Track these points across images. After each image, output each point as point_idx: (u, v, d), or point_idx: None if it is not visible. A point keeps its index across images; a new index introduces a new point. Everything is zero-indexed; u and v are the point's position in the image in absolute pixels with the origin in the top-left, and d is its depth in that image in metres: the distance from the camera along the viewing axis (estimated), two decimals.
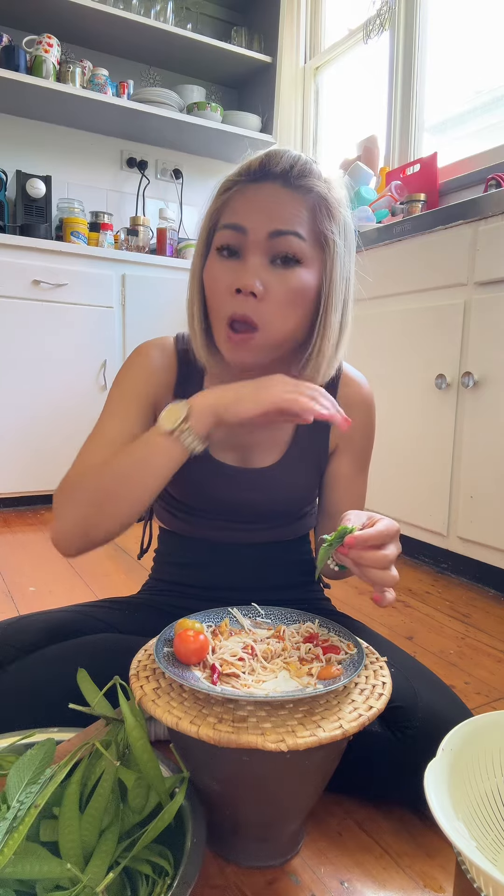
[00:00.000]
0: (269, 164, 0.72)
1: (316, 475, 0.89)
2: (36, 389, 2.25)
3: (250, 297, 0.71)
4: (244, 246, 0.72)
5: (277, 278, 0.72)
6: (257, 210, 0.71)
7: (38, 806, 0.52)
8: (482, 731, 0.60)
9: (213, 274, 0.74)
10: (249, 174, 0.73)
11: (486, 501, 1.47)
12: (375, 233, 1.76)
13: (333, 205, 0.75)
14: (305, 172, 0.72)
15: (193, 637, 0.63)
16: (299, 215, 0.72)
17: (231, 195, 0.74)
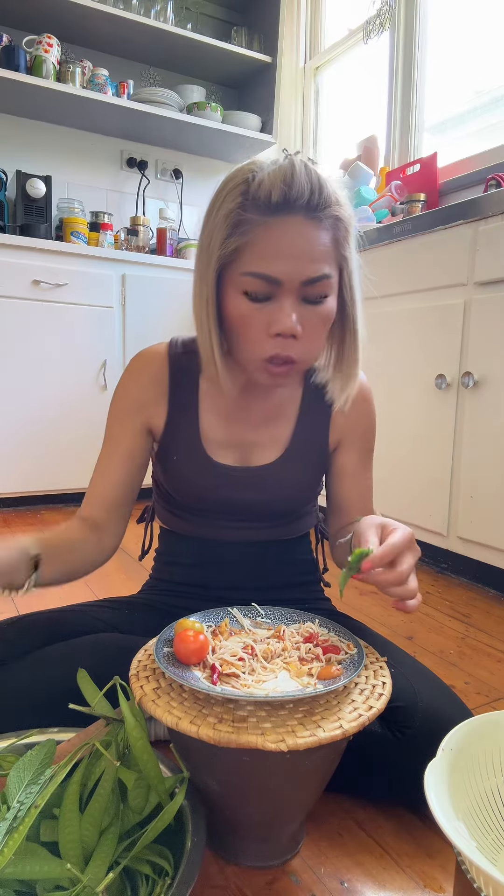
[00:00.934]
0: (290, 195, 0.68)
1: (317, 472, 0.90)
2: (36, 389, 2.25)
3: (290, 338, 0.71)
4: (276, 291, 0.70)
5: (310, 313, 0.72)
6: (288, 256, 0.69)
7: (38, 806, 0.52)
8: (482, 731, 0.60)
9: (242, 314, 0.72)
10: (270, 207, 0.68)
11: (486, 501, 1.47)
12: (375, 233, 1.76)
13: (348, 223, 0.74)
14: (325, 199, 0.70)
15: (193, 637, 0.63)
16: (326, 250, 0.71)
17: (253, 233, 0.69)
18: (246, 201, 0.69)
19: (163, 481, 0.92)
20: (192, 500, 0.89)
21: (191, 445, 0.86)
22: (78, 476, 2.29)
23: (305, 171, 0.69)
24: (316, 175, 0.69)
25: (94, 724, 0.64)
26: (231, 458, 0.86)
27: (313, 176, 0.69)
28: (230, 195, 0.70)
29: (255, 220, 0.69)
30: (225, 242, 0.70)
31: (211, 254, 0.72)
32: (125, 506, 0.88)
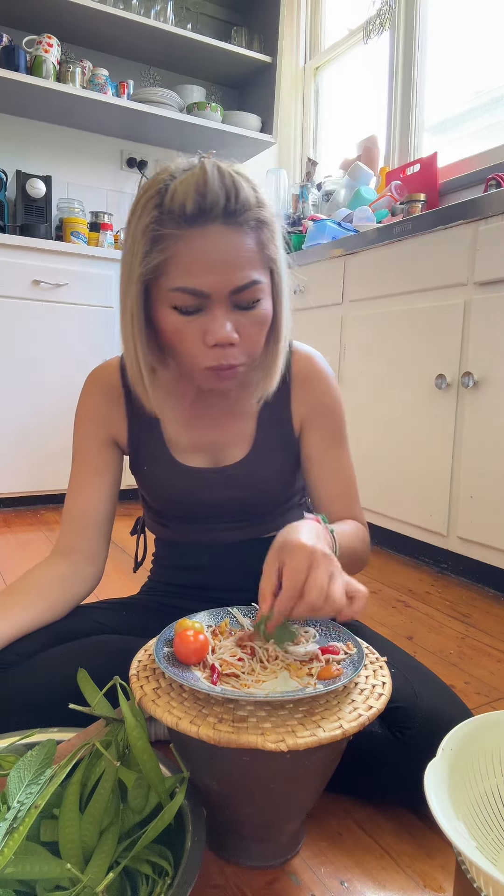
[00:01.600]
0: (205, 204, 0.66)
1: (290, 460, 0.89)
2: (36, 389, 2.25)
3: (228, 347, 0.72)
4: (206, 304, 0.70)
5: (245, 319, 0.72)
6: (212, 268, 0.67)
7: (38, 806, 0.52)
8: (482, 731, 0.60)
9: (175, 328, 0.71)
10: (186, 218, 0.66)
11: (486, 501, 1.47)
12: (375, 233, 1.76)
13: (272, 223, 0.73)
14: (242, 203, 0.68)
15: (193, 637, 0.63)
16: (251, 256, 0.69)
17: (174, 248, 0.67)
18: (161, 215, 0.67)
19: (142, 492, 0.93)
20: (174, 508, 0.89)
21: (158, 454, 0.86)
22: None
23: (219, 176, 0.67)
24: (231, 179, 0.67)
25: (94, 724, 0.64)
26: (201, 461, 0.87)
27: (227, 180, 0.67)
28: (145, 209, 0.68)
29: (174, 234, 0.67)
30: (146, 259, 0.69)
31: (132, 270, 0.71)
32: (103, 526, 0.89)
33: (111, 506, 0.89)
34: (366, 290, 1.82)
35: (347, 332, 1.90)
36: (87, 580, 0.87)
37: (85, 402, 0.89)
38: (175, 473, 0.86)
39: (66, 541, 0.87)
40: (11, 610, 0.78)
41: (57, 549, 0.88)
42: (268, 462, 0.87)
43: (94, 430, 0.88)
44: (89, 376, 0.90)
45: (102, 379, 0.88)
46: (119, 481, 0.91)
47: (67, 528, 0.88)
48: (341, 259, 1.89)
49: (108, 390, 0.88)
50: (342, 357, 1.92)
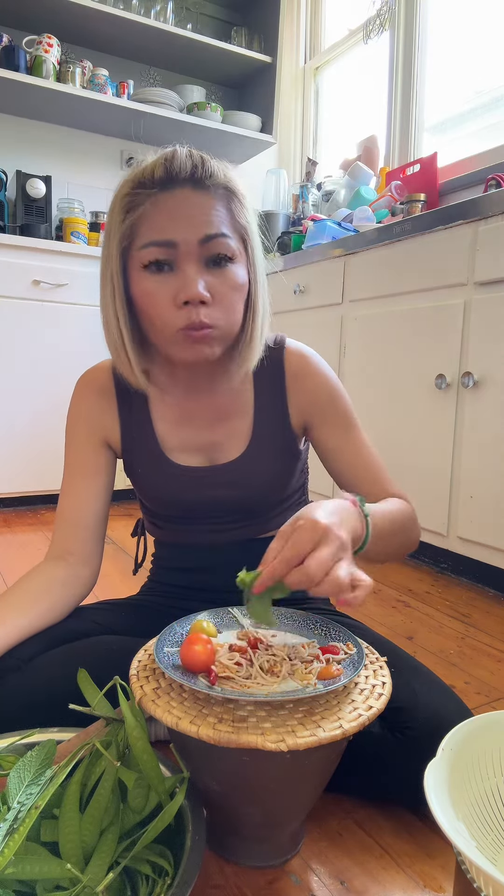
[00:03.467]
0: (172, 168, 0.71)
1: (286, 457, 0.88)
2: (36, 389, 2.25)
3: (200, 305, 0.72)
4: (176, 258, 0.71)
5: (217, 279, 0.73)
6: (180, 219, 0.70)
7: (38, 807, 0.52)
8: (482, 731, 0.60)
9: (147, 290, 0.72)
10: (156, 183, 0.71)
11: (486, 501, 1.47)
12: (375, 233, 1.76)
13: (242, 195, 0.75)
14: (209, 171, 0.72)
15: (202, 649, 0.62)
16: (220, 214, 0.72)
17: (144, 209, 0.72)
18: (135, 186, 0.73)
19: (137, 494, 0.93)
20: (169, 508, 0.89)
21: (152, 455, 0.86)
22: None
23: (187, 153, 0.73)
24: (199, 155, 0.73)
25: (94, 724, 0.64)
26: (195, 460, 0.86)
27: (195, 155, 0.73)
28: (123, 188, 0.74)
29: (144, 195, 0.72)
30: (121, 226, 0.73)
31: (111, 240, 0.75)
32: (96, 528, 0.88)
33: (104, 508, 0.89)
34: (366, 290, 1.82)
35: (347, 332, 1.90)
36: (83, 582, 0.86)
37: (76, 404, 0.89)
38: (169, 473, 0.86)
39: (61, 544, 0.87)
40: (10, 615, 0.78)
41: (51, 552, 0.87)
42: (264, 461, 0.86)
43: (86, 432, 0.88)
44: (80, 379, 0.90)
45: (93, 381, 0.88)
46: (112, 483, 0.91)
47: (61, 531, 0.87)
48: (341, 259, 1.89)
49: (100, 392, 0.88)
50: (342, 357, 1.92)
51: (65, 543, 0.87)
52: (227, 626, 0.73)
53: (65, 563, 0.86)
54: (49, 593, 0.82)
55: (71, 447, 0.90)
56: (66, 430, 0.90)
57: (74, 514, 0.87)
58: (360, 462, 0.86)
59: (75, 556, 0.86)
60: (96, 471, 0.88)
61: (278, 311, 2.18)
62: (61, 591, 0.83)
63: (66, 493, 0.88)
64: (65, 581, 0.84)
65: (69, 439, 0.90)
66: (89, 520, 0.87)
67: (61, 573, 0.84)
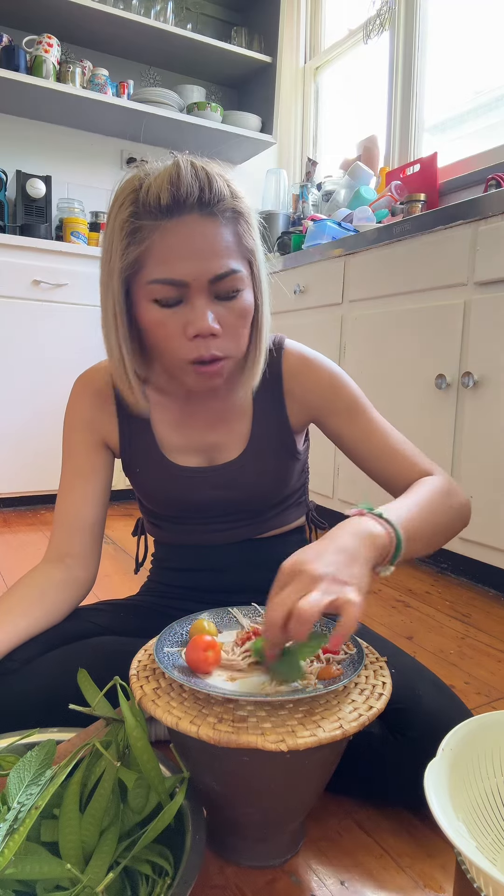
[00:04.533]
0: (179, 195, 0.67)
1: (285, 457, 0.88)
2: (36, 389, 2.25)
3: (210, 338, 0.71)
4: (186, 294, 0.70)
5: (226, 310, 0.72)
6: (190, 256, 0.68)
7: (38, 807, 0.52)
8: (482, 731, 0.60)
9: (157, 321, 0.71)
10: (161, 210, 0.68)
11: (486, 501, 1.47)
12: (375, 233, 1.76)
13: (248, 214, 0.73)
14: (217, 192, 0.69)
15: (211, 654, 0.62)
16: (229, 245, 0.70)
17: (150, 239, 0.69)
18: (138, 209, 0.69)
19: (137, 495, 0.92)
20: (168, 508, 0.89)
21: (151, 455, 0.86)
22: None
23: (192, 169, 0.69)
24: (204, 172, 0.69)
25: (94, 724, 0.64)
26: (194, 461, 0.86)
27: (201, 173, 0.69)
28: (123, 206, 0.71)
29: (150, 225, 0.68)
30: (125, 254, 0.70)
31: (112, 267, 0.72)
32: (94, 529, 0.87)
33: (102, 509, 0.89)
34: (366, 290, 1.81)
35: (347, 332, 1.90)
36: (81, 584, 0.86)
37: (74, 405, 0.89)
38: (168, 474, 0.86)
39: (58, 545, 0.86)
40: (9, 618, 0.77)
41: (49, 554, 0.87)
42: (263, 461, 0.86)
43: (83, 433, 0.88)
44: (77, 380, 0.89)
45: (91, 382, 0.88)
46: (110, 484, 0.91)
47: (59, 533, 0.87)
48: (341, 259, 1.89)
49: (97, 393, 0.87)
50: (342, 357, 1.92)
51: (63, 546, 0.86)
52: (227, 626, 0.73)
53: (63, 565, 0.85)
54: (47, 596, 0.82)
55: (69, 448, 0.89)
56: (64, 430, 0.90)
57: (72, 516, 0.87)
58: (381, 443, 0.84)
59: (73, 559, 0.86)
60: (94, 472, 0.88)
61: (278, 311, 2.18)
62: (59, 594, 0.83)
63: (64, 494, 0.88)
64: (63, 584, 0.84)
65: (67, 440, 0.89)
66: (87, 522, 0.87)
67: (59, 576, 0.84)
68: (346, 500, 1.93)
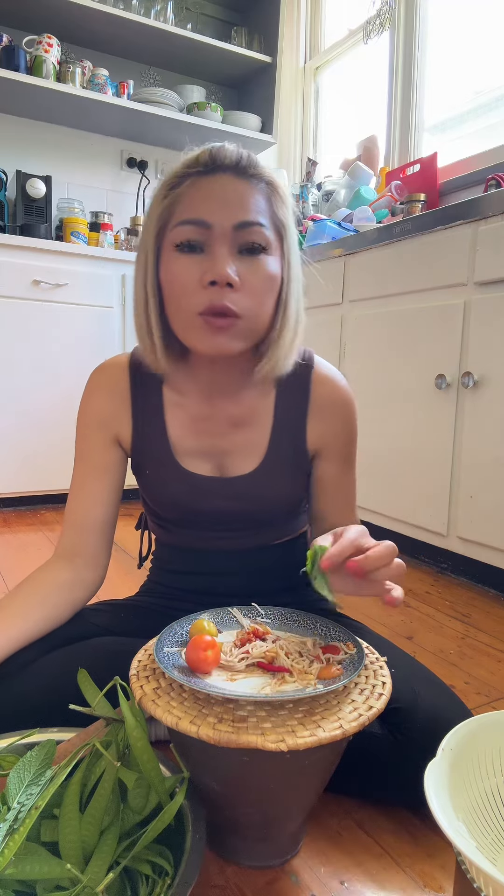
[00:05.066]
0: (218, 155, 0.71)
1: (299, 476, 0.87)
2: (36, 389, 2.25)
3: (227, 288, 0.69)
4: (208, 240, 0.70)
5: (248, 267, 0.71)
6: (217, 202, 0.69)
7: (38, 807, 0.52)
8: (482, 731, 0.60)
9: (175, 270, 0.71)
10: (199, 166, 0.71)
11: (486, 501, 1.47)
12: (375, 233, 1.76)
13: (283, 192, 0.75)
14: (254, 163, 0.73)
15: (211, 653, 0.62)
16: (259, 204, 0.71)
17: (184, 189, 0.71)
18: (180, 169, 0.73)
19: (143, 495, 0.90)
20: (174, 513, 0.87)
21: (162, 457, 0.84)
22: None
23: (235, 147, 0.73)
24: (247, 152, 0.73)
25: (94, 724, 0.64)
26: (206, 468, 0.84)
27: (244, 151, 0.73)
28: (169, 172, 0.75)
29: (187, 178, 0.72)
30: (161, 204, 0.73)
31: (149, 222, 0.74)
32: (106, 529, 0.86)
33: (114, 508, 0.87)
34: (366, 290, 1.82)
35: (347, 332, 1.90)
36: (87, 586, 0.85)
37: (90, 400, 0.86)
38: (178, 480, 0.84)
39: (69, 544, 0.85)
40: (14, 621, 0.76)
41: (59, 552, 0.85)
42: (276, 476, 0.84)
43: (98, 429, 0.85)
44: (95, 372, 0.87)
45: (109, 376, 0.85)
46: (122, 482, 0.88)
47: (70, 531, 0.85)
48: (341, 259, 1.89)
49: (114, 388, 0.85)
50: (342, 357, 1.92)
51: (73, 545, 0.85)
52: (227, 626, 0.73)
53: (72, 565, 0.84)
54: (53, 597, 0.81)
55: (82, 444, 0.86)
56: (78, 426, 0.87)
57: (83, 515, 0.85)
58: (344, 495, 0.88)
59: (83, 559, 0.84)
60: (107, 469, 0.86)
61: None
62: (65, 595, 0.82)
63: (77, 491, 0.86)
64: (70, 585, 0.82)
65: (81, 436, 0.86)
66: (98, 521, 0.85)
67: (67, 576, 0.83)
68: None
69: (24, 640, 0.77)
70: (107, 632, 0.85)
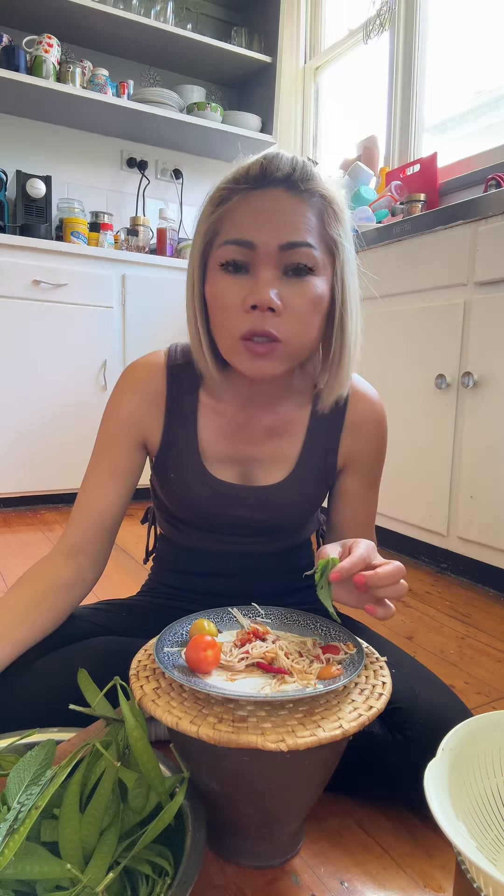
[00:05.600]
0: (269, 168, 0.68)
1: (323, 489, 0.87)
2: (36, 389, 2.25)
3: (268, 313, 0.68)
4: (253, 261, 0.68)
5: (293, 290, 0.69)
6: (265, 222, 0.67)
7: (38, 807, 0.52)
8: (482, 731, 0.60)
9: (219, 290, 0.70)
10: (249, 180, 0.68)
11: (486, 501, 1.47)
12: (375, 233, 1.76)
13: (339, 206, 0.72)
14: (308, 175, 0.69)
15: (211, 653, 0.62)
16: (308, 223, 0.68)
17: (231, 205, 0.69)
18: (229, 182, 0.71)
19: (161, 495, 0.88)
20: (191, 516, 0.86)
21: (189, 461, 0.82)
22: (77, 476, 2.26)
23: (290, 155, 0.70)
24: (302, 160, 0.70)
25: (94, 724, 0.64)
26: (232, 475, 0.83)
27: (298, 159, 0.70)
28: (219, 184, 0.72)
29: (236, 192, 0.69)
30: (208, 219, 0.71)
31: (197, 237, 0.73)
32: (113, 529, 0.84)
33: (124, 509, 0.85)
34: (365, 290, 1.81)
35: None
36: (87, 584, 0.84)
37: (122, 398, 0.83)
38: (202, 483, 0.82)
39: (74, 540, 0.82)
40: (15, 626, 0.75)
41: (62, 547, 0.82)
42: (303, 491, 0.84)
43: (126, 430, 0.83)
44: (129, 370, 0.84)
45: (147, 375, 0.83)
46: (135, 487, 0.86)
47: (77, 528, 0.83)
48: None
49: (149, 388, 0.82)
50: None
51: (78, 541, 0.82)
52: (227, 626, 0.73)
53: (74, 563, 0.81)
54: (57, 599, 0.79)
55: (107, 441, 0.83)
56: (104, 420, 0.84)
57: (94, 513, 0.82)
58: (364, 515, 0.89)
59: (87, 558, 0.82)
60: (127, 471, 0.83)
61: None
62: (65, 595, 0.80)
63: (91, 489, 0.83)
64: (71, 585, 0.81)
65: (105, 433, 0.84)
66: (107, 520, 0.83)
67: (69, 575, 0.81)
68: None
69: (30, 643, 0.76)
70: (107, 632, 0.85)
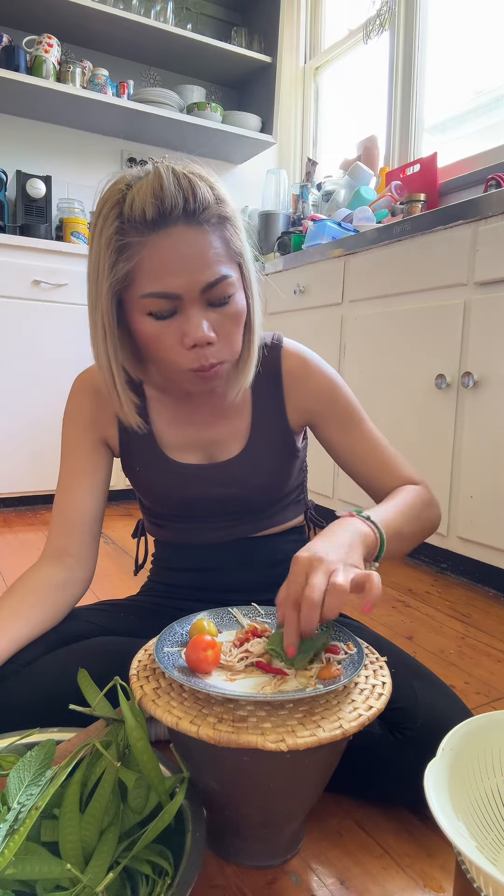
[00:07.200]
0: (164, 207, 0.66)
1: (285, 456, 0.88)
2: (36, 389, 2.25)
3: (207, 346, 0.71)
4: (180, 305, 0.70)
5: (221, 316, 0.72)
6: (179, 268, 0.68)
7: (38, 807, 0.52)
8: (482, 731, 0.60)
9: (153, 334, 0.71)
10: (148, 224, 0.67)
11: (486, 501, 1.47)
12: (375, 233, 1.76)
13: (231, 213, 0.73)
14: (199, 199, 0.68)
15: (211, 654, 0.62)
16: (217, 252, 0.69)
17: (139, 255, 0.68)
18: (123, 224, 0.68)
19: (138, 494, 0.93)
20: (168, 506, 0.89)
21: (150, 453, 0.86)
22: None
23: (174, 178, 0.68)
24: (186, 180, 0.68)
25: (94, 724, 0.64)
26: (195, 458, 0.87)
27: (183, 182, 0.68)
28: (107, 220, 0.69)
29: (138, 241, 0.68)
30: (113, 269, 0.69)
31: (101, 282, 0.71)
32: (93, 527, 0.88)
33: (101, 507, 0.89)
34: (366, 290, 1.81)
35: (347, 332, 1.90)
36: (80, 583, 0.86)
37: (74, 404, 0.89)
38: (168, 471, 0.86)
39: (57, 543, 0.86)
40: (11, 624, 0.77)
41: (48, 552, 0.86)
42: (263, 459, 0.86)
43: (84, 431, 0.88)
44: (78, 378, 0.89)
45: (92, 381, 0.87)
46: (108, 481, 0.91)
47: (58, 531, 0.87)
48: (341, 259, 1.89)
49: (98, 391, 0.86)
50: (342, 357, 1.92)
51: (62, 544, 0.86)
52: (227, 626, 0.73)
53: (62, 564, 0.85)
54: (50, 597, 0.82)
55: (68, 445, 0.89)
56: (63, 427, 0.90)
57: (72, 514, 0.87)
58: (371, 454, 0.87)
59: (73, 557, 0.86)
60: (94, 470, 0.88)
61: (279, 311, 2.18)
62: (59, 595, 0.83)
63: (63, 492, 0.88)
64: (62, 584, 0.84)
65: (66, 437, 0.89)
66: (86, 519, 0.87)
67: (59, 576, 0.84)
68: (346, 500, 1.93)
69: (24, 640, 0.78)
70: (107, 632, 0.85)
